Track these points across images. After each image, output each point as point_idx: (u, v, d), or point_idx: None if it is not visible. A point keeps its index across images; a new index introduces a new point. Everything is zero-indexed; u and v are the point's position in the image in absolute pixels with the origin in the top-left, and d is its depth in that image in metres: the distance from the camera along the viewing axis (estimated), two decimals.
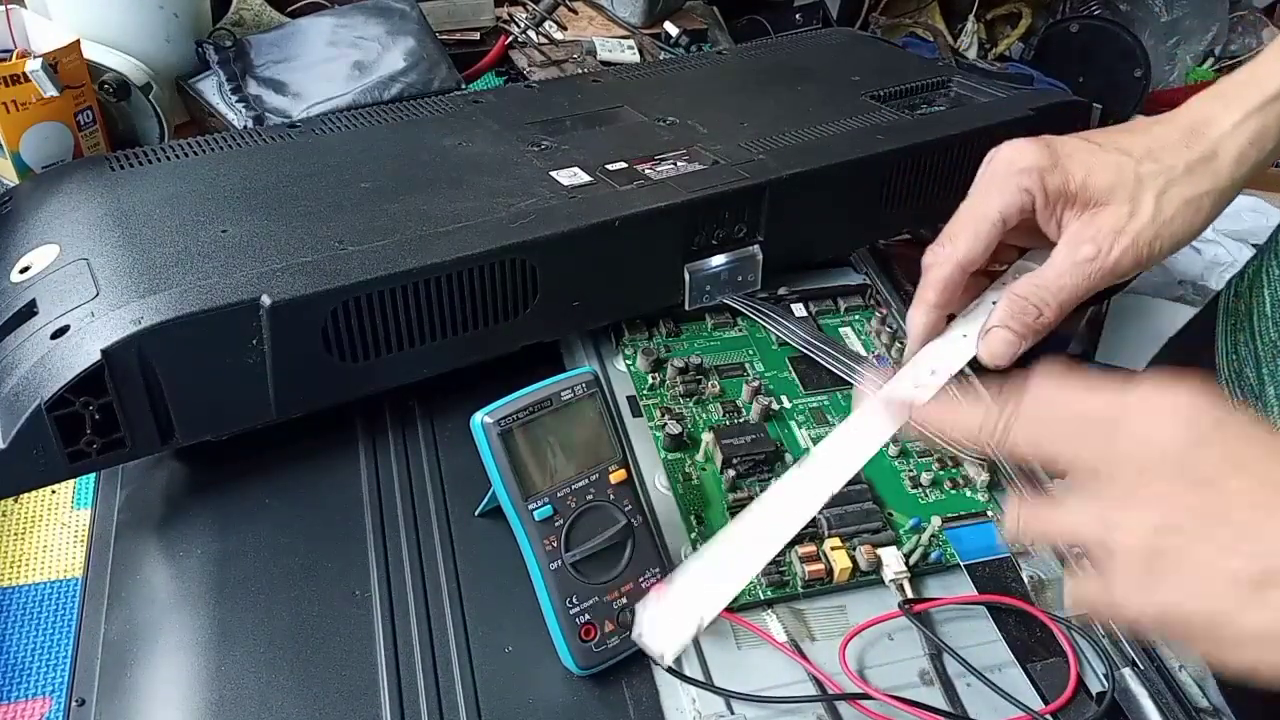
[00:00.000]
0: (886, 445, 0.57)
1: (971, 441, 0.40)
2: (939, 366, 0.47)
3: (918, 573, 0.51)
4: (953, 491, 0.55)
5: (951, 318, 0.50)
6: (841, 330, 0.66)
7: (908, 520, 0.53)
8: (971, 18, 1.97)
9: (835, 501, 0.52)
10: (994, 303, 0.47)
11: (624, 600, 0.46)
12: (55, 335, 0.46)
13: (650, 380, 0.60)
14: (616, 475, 0.46)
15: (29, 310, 0.49)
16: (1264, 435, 0.36)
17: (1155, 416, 0.36)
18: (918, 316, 0.47)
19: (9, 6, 0.78)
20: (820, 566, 0.50)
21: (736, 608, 0.48)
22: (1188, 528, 0.34)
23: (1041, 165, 0.44)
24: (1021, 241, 0.49)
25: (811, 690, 0.45)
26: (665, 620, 0.41)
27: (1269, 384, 0.49)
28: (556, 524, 0.45)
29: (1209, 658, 0.36)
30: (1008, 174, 0.44)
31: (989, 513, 0.54)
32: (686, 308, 0.63)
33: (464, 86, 0.89)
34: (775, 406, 0.58)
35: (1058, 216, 0.45)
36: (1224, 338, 0.54)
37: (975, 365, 0.48)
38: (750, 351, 0.63)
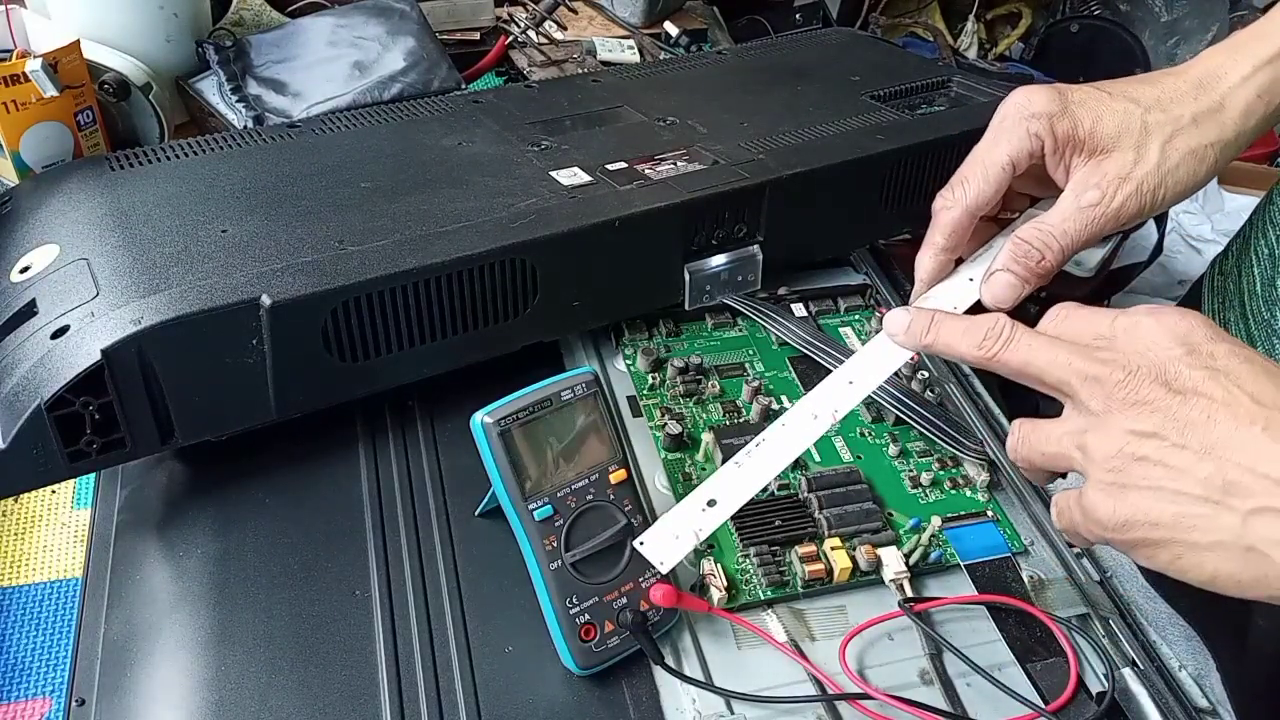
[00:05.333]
0: (886, 445, 0.57)
1: (977, 351, 0.40)
2: (944, 307, 0.47)
3: (918, 573, 0.51)
4: (953, 491, 0.55)
5: (959, 263, 0.50)
6: (841, 330, 0.66)
7: (908, 520, 0.53)
8: (971, 18, 1.97)
9: (835, 501, 0.52)
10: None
11: (624, 600, 0.46)
12: (55, 335, 0.46)
13: (650, 380, 0.60)
14: (616, 475, 0.46)
15: (29, 310, 0.49)
16: (1251, 353, 0.36)
17: (1147, 331, 0.37)
18: (925, 260, 0.48)
19: (9, 6, 0.78)
20: (820, 566, 0.50)
21: (736, 608, 0.48)
22: (1164, 433, 0.35)
23: (1051, 111, 0.44)
24: (1031, 189, 0.50)
25: (811, 690, 0.45)
26: (666, 531, 0.43)
27: None
28: (556, 524, 0.45)
29: (1169, 568, 0.36)
30: (1017, 119, 0.45)
31: (989, 513, 0.55)
32: (686, 308, 0.63)
33: (464, 86, 0.89)
34: (775, 406, 0.58)
35: (1065, 162, 0.46)
36: (1212, 317, 0.55)
37: (979, 309, 0.48)
38: (750, 351, 0.63)
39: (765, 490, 0.53)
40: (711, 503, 0.44)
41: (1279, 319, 0.50)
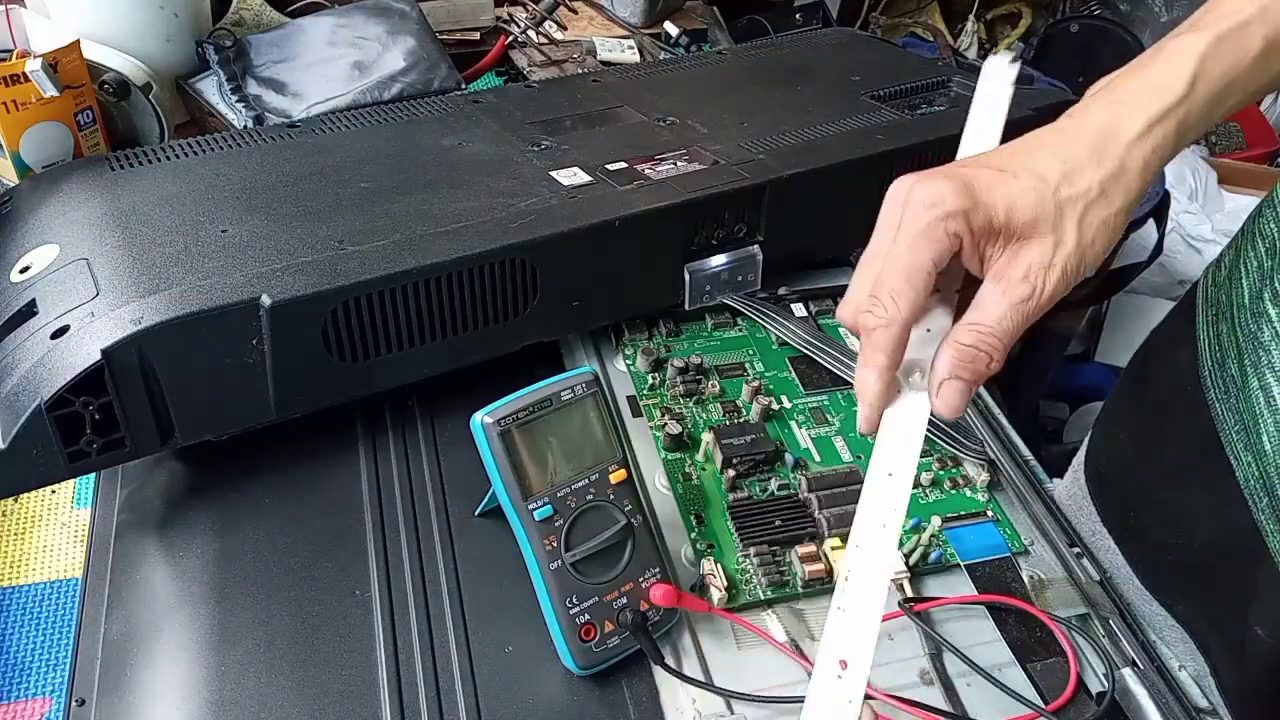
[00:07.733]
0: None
1: None
2: (906, 435, 0.45)
3: (918, 573, 0.51)
4: (953, 491, 0.55)
5: None
6: (842, 330, 0.66)
7: (908, 520, 0.53)
8: (971, 18, 1.97)
9: (835, 501, 0.52)
10: (927, 331, 0.46)
11: (624, 600, 0.46)
12: (55, 335, 0.46)
13: (650, 380, 0.60)
14: (616, 475, 0.46)
15: (29, 310, 0.49)
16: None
17: None
18: (871, 382, 0.45)
19: (9, 6, 0.78)
20: (820, 566, 0.50)
21: (736, 608, 0.48)
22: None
23: (965, 206, 0.44)
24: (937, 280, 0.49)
25: None
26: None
27: (1251, 375, 0.49)
28: (556, 524, 0.45)
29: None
30: (933, 220, 0.44)
31: (989, 513, 0.55)
32: (686, 308, 0.63)
33: (464, 86, 0.89)
34: (775, 406, 0.58)
35: (980, 252, 0.45)
36: (1205, 329, 0.54)
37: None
38: (750, 351, 0.63)
39: (765, 491, 0.53)
40: (844, 663, 0.38)
41: (1264, 332, 0.50)
